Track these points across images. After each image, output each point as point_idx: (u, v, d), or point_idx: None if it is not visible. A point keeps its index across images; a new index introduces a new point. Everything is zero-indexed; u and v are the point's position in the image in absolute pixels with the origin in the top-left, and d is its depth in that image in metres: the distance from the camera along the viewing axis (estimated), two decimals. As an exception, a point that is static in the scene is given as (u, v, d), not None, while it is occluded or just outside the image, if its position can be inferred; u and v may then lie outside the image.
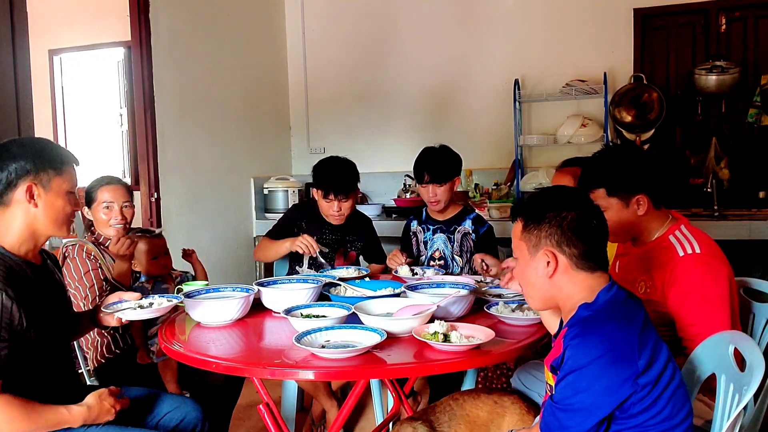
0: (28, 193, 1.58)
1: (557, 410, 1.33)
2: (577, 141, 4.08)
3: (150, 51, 3.59)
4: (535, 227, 1.42)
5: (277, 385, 2.70)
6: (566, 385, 1.31)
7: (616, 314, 1.35)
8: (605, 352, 1.27)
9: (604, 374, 1.27)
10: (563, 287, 1.41)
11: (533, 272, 1.43)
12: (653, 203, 1.85)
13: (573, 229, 1.38)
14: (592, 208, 1.44)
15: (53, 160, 1.62)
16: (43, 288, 1.66)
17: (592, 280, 1.40)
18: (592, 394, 1.27)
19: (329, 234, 2.81)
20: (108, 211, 2.38)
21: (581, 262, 1.39)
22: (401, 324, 1.73)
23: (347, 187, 2.70)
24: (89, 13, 5.37)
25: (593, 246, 1.40)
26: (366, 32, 4.78)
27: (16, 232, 1.60)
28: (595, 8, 4.19)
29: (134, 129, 4.39)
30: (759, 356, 1.38)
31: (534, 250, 1.42)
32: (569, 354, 1.31)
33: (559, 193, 1.49)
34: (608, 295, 1.38)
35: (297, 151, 5.10)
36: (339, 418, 1.80)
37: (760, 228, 3.32)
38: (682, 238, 1.83)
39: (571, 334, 1.33)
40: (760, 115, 3.79)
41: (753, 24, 3.96)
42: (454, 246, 2.75)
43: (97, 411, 1.60)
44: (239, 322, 1.96)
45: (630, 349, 1.28)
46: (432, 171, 2.67)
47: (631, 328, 1.32)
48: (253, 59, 4.63)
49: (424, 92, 4.67)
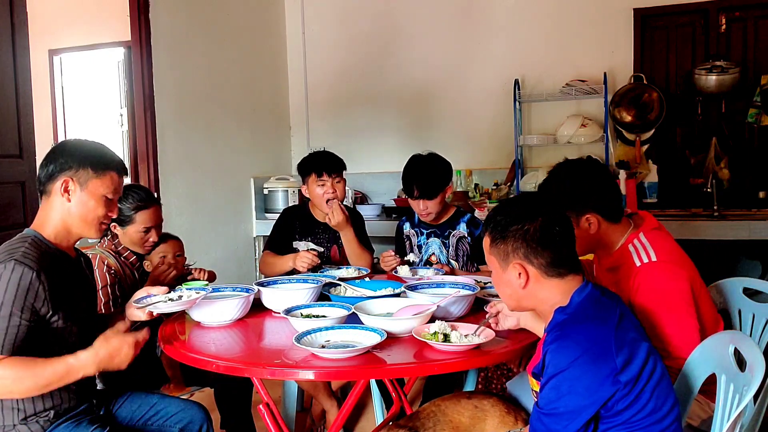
0: (63, 187, 1.65)
1: (543, 416, 1.34)
2: (577, 141, 4.08)
3: (150, 51, 3.59)
4: (501, 242, 1.46)
5: (277, 385, 2.70)
6: (549, 389, 1.32)
7: (591, 314, 1.37)
8: (582, 352, 1.29)
9: (584, 375, 1.29)
10: (537, 294, 1.45)
11: (507, 283, 1.47)
12: (606, 218, 1.85)
13: (537, 240, 1.41)
14: (554, 214, 1.46)
15: (95, 162, 1.68)
16: (75, 281, 1.71)
17: (564, 284, 1.43)
18: (576, 396, 1.29)
19: (322, 233, 2.82)
20: (147, 234, 2.30)
21: (551, 270, 1.42)
22: (401, 324, 1.73)
23: (337, 165, 2.76)
24: (89, 13, 5.37)
25: (560, 252, 1.43)
26: (366, 32, 4.78)
27: (52, 223, 1.68)
28: (595, 8, 4.19)
29: (134, 129, 4.39)
30: (759, 356, 1.38)
31: (504, 264, 1.46)
32: (549, 359, 1.33)
33: (520, 204, 1.51)
34: (582, 296, 1.41)
35: (297, 151, 5.09)
36: (339, 418, 1.80)
37: (760, 228, 3.32)
38: (639, 246, 1.82)
39: (549, 339, 1.36)
40: (760, 115, 3.79)
41: (753, 24, 3.96)
42: (450, 250, 2.73)
43: (107, 352, 1.56)
44: (239, 322, 1.96)
45: (607, 347, 1.30)
46: (421, 186, 2.60)
47: (606, 326, 1.34)
48: (253, 59, 4.63)
49: (424, 92, 4.66)
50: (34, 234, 1.65)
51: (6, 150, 2.81)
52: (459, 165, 3.11)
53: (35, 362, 1.50)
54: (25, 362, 1.49)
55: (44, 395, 1.59)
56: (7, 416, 1.59)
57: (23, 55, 2.86)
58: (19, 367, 1.48)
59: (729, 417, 1.38)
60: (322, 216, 2.78)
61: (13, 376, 1.47)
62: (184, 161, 3.87)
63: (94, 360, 1.55)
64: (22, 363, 1.48)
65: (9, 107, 2.81)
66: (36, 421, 1.61)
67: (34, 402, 1.60)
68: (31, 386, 1.49)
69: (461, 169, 4.31)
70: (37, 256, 1.56)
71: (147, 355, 2.28)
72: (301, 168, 2.79)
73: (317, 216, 2.82)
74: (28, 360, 1.50)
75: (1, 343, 1.48)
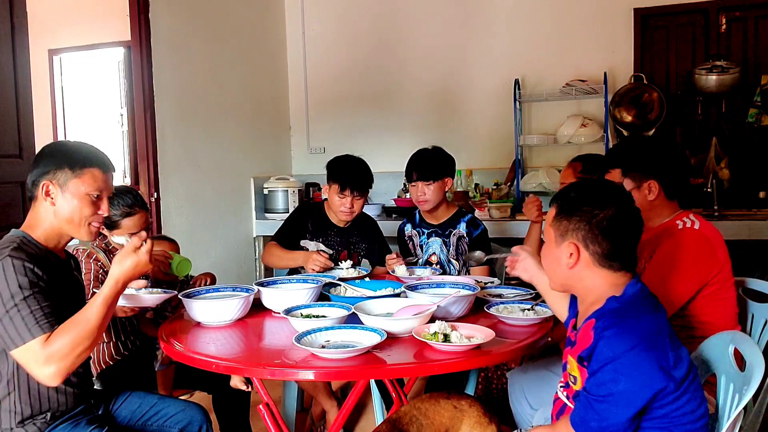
0: (43, 191, 1.63)
1: (594, 402, 1.31)
2: (578, 141, 4.08)
3: (150, 51, 3.59)
4: (565, 217, 1.43)
5: (277, 385, 2.70)
6: (603, 375, 1.29)
7: (646, 306, 1.37)
8: (640, 340, 1.28)
9: (642, 363, 1.27)
10: (583, 279, 1.43)
11: (556, 259, 1.45)
12: (664, 192, 1.94)
13: (601, 228, 1.38)
14: (629, 208, 1.43)
15: (73, 161, 1.64)
16: (64, 279, 1.70)
17: (614, 277, 1.41)
18: (633, 383, 1.27)
19: (334, 236, 2.80)
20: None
21: (604, 261, 1.40)
22: (401, 324, 1.73)
23: (364, 184, 2.70)
24: (89, 13, 5.37)
25: (620, 247, 1.39)
26: (366, 32, 4.78)
27: (42, 226, 1.66)
28: (595, 8, 4.19)
29: (134, 129, 4.38)
30: (759, 356, 1.38)
31: (560, 239, 1.44)
32: (603, 344, 1.30)
33: (598, 188, 1.47)
34: (635, 289, 1.40)
35: (297, 151, 5.10)
36: (339, 418, 1.80)
37: (761, 228, 3.32)
38: (687, 221, 1.91)
39: (603, 325, 1.33)
40: (760, 115, 3.79)
41: (753, 24, 3.96)
42: (450, 250, 2.74)
43: (122, 271, 1.59)
44: (239, 322, 1.96)
45: (662, 341, 1.30)
46: (420, 169, 2.66)
47: (660, 322, 1.34)
48: (253, 59, 4.63)
49: (424, 92, 4.67)
50: (22, 235, 1.63)
51: (6, 150, 2.80)
52: (459, 165, 3.10)
53: (75, 322, 1.51)
54: (68, 327, 1.50)
55: (40, 396, 1.59)
56: (4, 419, 1.59)
57: (23, 54, 2.86)
58: (67, 334, 1.49)
59: (729, 417, 1.38)
60: (336, 219, 2.79)
61: (69, 343, 1.48)
62: (183, 161, 3.87)
63: (115, 283, 1.58)
64: (66, 329, 1.50)
65: (8, 107, 2.80)
66: (33, 424, 1.61)
67: (31, 404, 1.60)
68: (89, 341, 1.51)
69: (461, 168, 4.31)
70: (28, 255, 1.55)
71: (144, 366, 2.29)
72: (330, 170, 2.74)
73: (331, 218, 2.81)
74: (69, 324, 1.51)
75: (37, 326, 1.48)
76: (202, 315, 1.91)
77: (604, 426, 1.29)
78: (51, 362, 1.47)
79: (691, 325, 1.86)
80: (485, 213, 3.88)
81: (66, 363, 1.48)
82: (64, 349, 1.48)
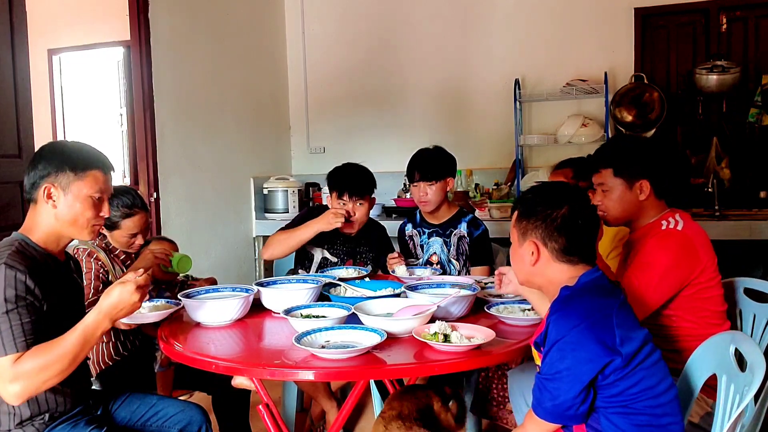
0: (45, 194, 1.61)
1: (545, 381, 1.39)
2: (578, 141, 4.08)
3: (149, 51, 3.59)
4: (525, 218, 1.54)
5: (277, 385, 2.70)
6: (551, 354, 1.38)
7: (597, 291, 1.44)
8: (584, 319, 1.36)
9: (585, 339, 1.34)
10: (545, 274, 1.53)
11: (520, 257, 1.57)
12: (655, 192, 1.94)
13: (556, 225, 1.48)
14: (582, 206, 1.52)
15: (74, 163, 1.63)
16: (63, 282, 1.69)
17: (574, 270, 1.50)
18: (576, 360, 1.34)
19: (340, 245, 2.76)
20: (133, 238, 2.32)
21: (562, 256, 1.49)
22: (401, 324, 1.73)
23: (362, 188, 2.63)
24: (89, 13, 5.37)
25: (575, 242, 1.49)
26: (366, 32, 4.78)
27: (41, 228, 1.65)
28: (596, 8, 4.18)
29: (134, 129, 4.38)
30: (759, 356, 1.38)
31: (522, 238, 1.55)
32: (551, 328, 1.39)
33: (552, 189, 1.58)
34: (589, 278, 1.48)
35: (297, 151, 5.09)
36: (339, 418, 1.79)
37: (761, 228, 3.32)
38: (672, 220, 1.92)
39: (552, 311, 1.43)
40: (761, 115, 3.78)
41: (754, 24, 3.95)
42: (451, 250, 2.73)
43: (110, 303, 1.54)
44: (239, 322, 1.96)
45: (608, 319, 1.36)
46: (423, 169, 2.64)
47: (608, 301, 1.41)
48: (253, 59, 4.63)
49: (424, 92, 4.66)
50: (21, 238, 1.62)
51: (5, 150, 2.80)
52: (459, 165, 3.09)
53: (51, 345, 1.50)
54: (42, 349, 1.49)
55: (38, 398, 1.58)
56: (3, 421, 1.58)
57: (22, 54, 2.86)
58: (39, 356, 1.48)
59: (729, 417, 1.38)
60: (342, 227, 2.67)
61: (38, 366, 1.47)
62: (183, 161, 3.86)
63: (99, 316, 1.54)
64: (40, 351, 1.48)
65: (8, 107, 2.80)
66: (31, 425, 1.60)
67: (29, 405, 1.59)
68: (59, 368, 1.49)
69: (462, 168, 4.29)
70: (23, 260, 1.54)
71: (144, 366, 2.28)
72: (328, 179, 2.70)
73: None
74: (44, 346, 1.50)
75: (12, 343, 1.47)
76: (201, 315, 1.91)
77: (557, 404, 1.37)
78: (17, 381, 1.46)
79: (672, 324, 1.87)
80: (485, 213, 3.87)
81: (31, 385, 1.47)
82: (32, 371, 1.46)
